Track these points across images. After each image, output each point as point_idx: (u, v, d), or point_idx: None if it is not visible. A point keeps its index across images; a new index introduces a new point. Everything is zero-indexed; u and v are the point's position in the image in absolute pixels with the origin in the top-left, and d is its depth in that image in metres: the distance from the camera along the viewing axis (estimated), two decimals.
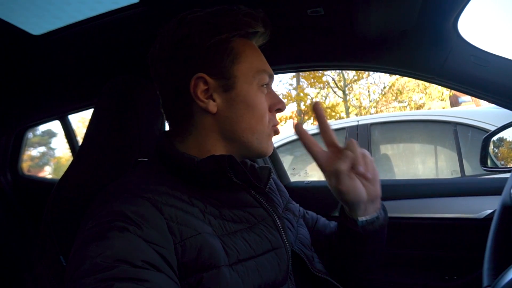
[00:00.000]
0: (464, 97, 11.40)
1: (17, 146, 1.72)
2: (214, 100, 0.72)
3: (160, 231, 0.59)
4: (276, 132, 0.79)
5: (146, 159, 0.79)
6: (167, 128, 0.84)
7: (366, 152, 0.75)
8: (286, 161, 3.53)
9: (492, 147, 1.31)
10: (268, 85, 0.79)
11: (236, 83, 0.72)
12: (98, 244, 0.55)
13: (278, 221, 0.76)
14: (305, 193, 1.61)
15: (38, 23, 1.10)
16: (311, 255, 0.85)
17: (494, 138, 1.30)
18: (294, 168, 3.53)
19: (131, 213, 0.59)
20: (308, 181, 1.69)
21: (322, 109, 0.75)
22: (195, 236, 0.62)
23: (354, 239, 0.82)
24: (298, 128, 0.74)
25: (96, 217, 0.60)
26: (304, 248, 0.83)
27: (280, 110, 0.79)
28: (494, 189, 1.26)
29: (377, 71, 1.31)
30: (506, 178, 0.98)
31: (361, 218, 0.77)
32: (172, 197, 0.65)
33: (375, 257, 0.90)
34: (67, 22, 1.12)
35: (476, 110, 3.23)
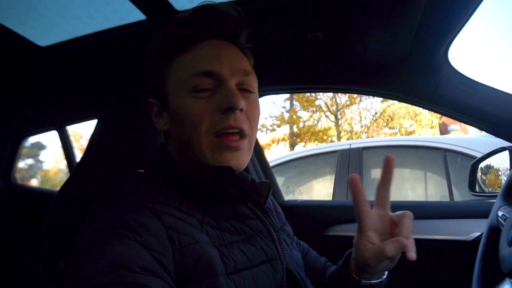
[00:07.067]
0: (453, 125, 11.65)
1: (12, 154, 1.72)
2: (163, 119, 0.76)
3: (159, 239, 0.60)
4: (224, 145, 0.69)
5: (145, 171, 0.81)
6: None
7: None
8: (278, 181, 3.52)
9: (480, 174, 1.35)
10: (222, 85, 0.69)
11: (168, 100, 0.73)
12: (97, 250, 0.55)
13: (274, 233, 0.76)
14: (299, 211, 1.62)
15: (46, 35, 1.13)
16: (305, 276, 0.83)
17: (482, 165, 1.34)
18: (288, 187, 3.53)
19: (131, 220, 0.59)
20: (302, 200, 1.71)
21: (394, 163, 0.67)
22: (193, 245, 0.62)
23: None
24: (354, 180, 0.65)
25: (96, 223, 0.61)
26: (299, 268, 0.82)
27: (231, 109, 0.67)
28: (482, 212, 1.28)
29: (371, 95, 1.36)
30: (493, 202, 1.01)
31: (366, 281, 0.73)
32: (171, 207, 0.66)
33: None
34: (74, 35, 1.15)
35: (465, 138, 3.31)
